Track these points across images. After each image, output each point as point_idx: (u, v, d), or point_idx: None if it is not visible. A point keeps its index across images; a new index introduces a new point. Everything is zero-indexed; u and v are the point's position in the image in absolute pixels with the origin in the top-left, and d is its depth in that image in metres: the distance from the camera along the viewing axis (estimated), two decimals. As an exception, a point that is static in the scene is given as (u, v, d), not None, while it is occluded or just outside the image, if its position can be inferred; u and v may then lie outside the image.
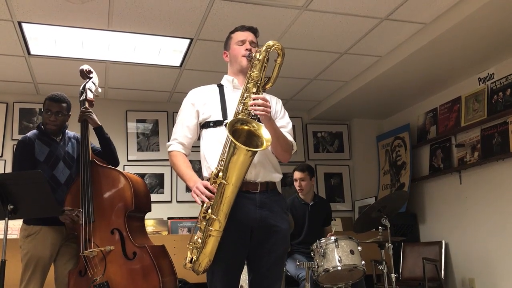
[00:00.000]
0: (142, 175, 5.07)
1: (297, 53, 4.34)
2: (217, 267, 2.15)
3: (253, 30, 2.40)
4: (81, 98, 3.17)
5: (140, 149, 5.42)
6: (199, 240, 2.10)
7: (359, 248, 3.48)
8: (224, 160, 2.05)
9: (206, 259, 2.10)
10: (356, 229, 3.89)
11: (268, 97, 2.29)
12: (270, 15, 3.65)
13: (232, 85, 2.36)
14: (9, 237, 2.75)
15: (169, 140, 2.39)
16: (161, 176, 5.39)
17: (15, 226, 4.23)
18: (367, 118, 6.13)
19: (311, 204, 4.19)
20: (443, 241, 4.85)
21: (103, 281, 2.77)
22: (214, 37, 3.95)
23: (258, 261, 2.23)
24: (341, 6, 3.57)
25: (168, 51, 4.27)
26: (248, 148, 1.98)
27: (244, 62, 2.30)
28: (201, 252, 2.09)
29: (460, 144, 4.78)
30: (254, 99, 2.13)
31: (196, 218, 2.16)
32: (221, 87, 2.40)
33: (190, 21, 3.73)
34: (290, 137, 2.34)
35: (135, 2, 3.44)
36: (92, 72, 3.27)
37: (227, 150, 2.04)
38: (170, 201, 5.37)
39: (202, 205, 2.10)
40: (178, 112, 2.41)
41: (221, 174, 2.03)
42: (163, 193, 5.36)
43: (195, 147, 2.37)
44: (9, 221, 2.60)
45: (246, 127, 2.09)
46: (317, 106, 5.88)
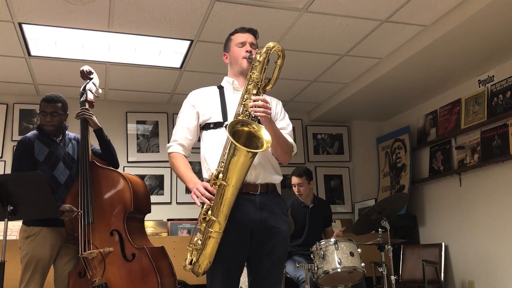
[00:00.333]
0: (142, 177, 5.07)
1: (297, 55, 4.34)
2: (217, 268, 2.15)
3: (253, 32, 2.40)
4: (81, 99, 3.16)
5: (140, 150, 5.42)
6: (199, 242, 2.10)
7: (359, 250, 3.48)
8: (224, 161, 2.04)
9: (206, 260, 2.09)
10: (356, 231, 3.88)
11: (268, 98, 2.29)
12: (270, 17, 3.66)
13: (233, 86, 2.36)
14: (8, 238, 2.75)
15: (169, 142, 2.39)
16: (161, 178, 5.39)
17: (15, 227, 4.23)
18: (367, 120, 6.13)
19: (311, 206, 4.18)
20: (443, 243, 4.85)
21: (102, 282, 2.77)
22: (214, 38, 3.96)
23: (258, 262, 2.23)
24: (341, 8, 3.57)
25: (169, 52, 4.27)
26: (248, 150, 1.98)
27: (245, 64, 2.30)
28: (201, 254, 2.09)
29: (460, 146, 4.77)
30: (254, 101, 2.13)
31: (196, 219, 2.16)
32: (221, 88, 2.39)
33: (191, 23, 3.73)
34: (290, 139, 2.34)
35: (135, 4, 3.44)
36: (93, 73, 3.26)
37: (227, 152, 2.03)
38: (170, 203, 5.36)
39: (202, 207, 2.10)
40: (178, 114, 2.41)
41: (221, 175, 2.03)
42: (163, 194, 5.35)
43: (195, 149, 2.37)
44: (9, 222, 2.60)
45: (246, 129, 2.09)
46: (317, 108, 5.89)
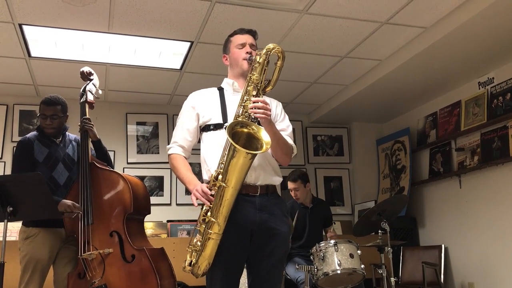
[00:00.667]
0: (142, 178, 5.07)
1: (297, 56, 4.34)
2: (216, 270, 2.14)
3: (252, 33, 2.40)
4: (81, 100, 3.16)
5: (140, 151, 5.42)
6: (198, 243, 2.10)
7: (358, 251, 3.47)
8: (224, 163, 2.04)
9: (205, 262, 2.09)
10: (356, 233, 3.88)
11: (268, 100, 2.29)
12: (270, 18, 3.66)
13: (232, 88, 2.36)
14: (8, 239, 2.75)
15: (169, 143, 2.39)
16: (160, 179, 5.39)
17: (14, 228, 4.23)
18: (367, 122, 6.13)
19: (310, 206, 4.18)
20: (442, 245, 4.84)
21: (101, 283, 2.76)
22: (214, 40, 3.96)
23: (257, 264, 2.23)
24: (341, 10, 3.57)
25: (169, 54, 4.27)
26: (248, 151, 1.97)
27: (245, 65, 2.30)
28: (200, 255, 2.09)
29: (460, 148, 4.77)
30: (254, 102, 2.12)
31: (195, 221, 2.15)
32: (221, 90, 2.39)
33: (191, 24, 3.73)
34: (290, 140, 2.33)
35: (135, 5, 3.44)
36: (93, 74, 3.26)
37: (226, 153, 2.03)
38: (169, 204, 5.36)
39: (202, 208, 2.09)
40: (178, 115, 2.41)
41: (220, 176, 2.03)
42: (162, 195, 5.35)
43: (195, 150, 2.37)
44: (8, 223, 2.59)
45: (246, 130, 2.08)
46: (317, 109, 5.89)
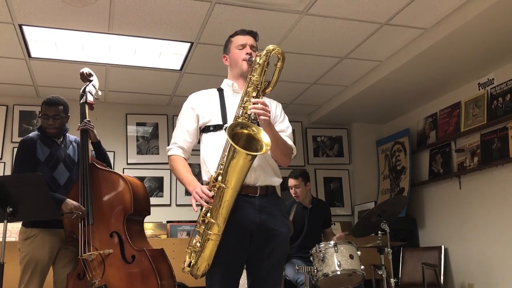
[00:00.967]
0: (142, 179, 5.06)
1: (297, 57, 4.34)
2: (216, 271, 2.14)
3: (253, 34, 2.40)
4: (81, 101, 3.18)
5: (139, 152, 5.42)
6: (198, 244, 2.09)
7: (358, 252, 3.47)
8: (223, 164, 2.04)
9: (205, 263, 2.09)
10: (356, 234, 3.88)
11: (268, 101, 2.29)
12: (270, 19, 3.66)
13: (232, 89, 2.36)
14: (7, 239, 2.75)
15: (169, 144, 2.39)
16: (160, 180, 5.39)
17: (14, 229, 4.23)
18: (367, 123, 6.13)
19: (309, 207, 4.18)
20: (442, 246, 4.84)
21: (101, 284, 2.76)
22: (214, 41, 3.96)
23: (257, 265, 2.23)
24: (341, 10, 3.57)
25: (169, 54, 4.27)
26: (248, 152, 1.98)
27: (245, 66, 2.30)
28: (199, 256, 2.09)
29: (460, 149, 4.77)
30: (253, 103, 2.13)
31: (195, 221, 2.15)
32: (221, 91, 2.40)
33: (191, 25, 3.73)
34: (290, 141, 2.34)
35: (135, 6, 3.44)
36: (93, 75, 3.28)
37: (226, 154, 2.03)
38: (169, 205, 5.36)
39: (201, 209, 2.09)
40: (178, 116, 2.41)
41: (220, 177, 2.03)
42: (162, 196, 5.35)
43: (195, 151, 2.37)
44: (8, 223, 2.59)
45: (246, 131, 2.09)
46: (317, 110, 5.89)
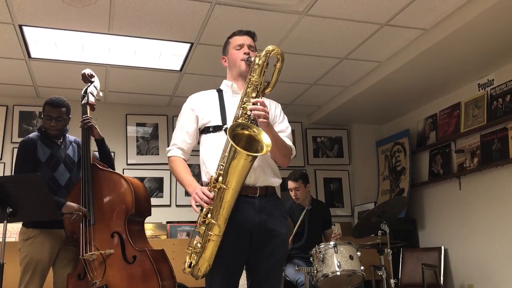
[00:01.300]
0: (142, 179, 5.06)
1: (297, 58, 4.35)
2: (216, 271, 2.14)
3: (251, 34, 2.40)
4: (82, 102, 3.19)
5: (139, 152, 5.42)
6: (198, 245, 2.09)
7: (358, 253, 3.48)
8: (223, 164, 2.04)
9: (206, 263, 2.09)
10: (355, 234, 3.88)
11: (267, 101, 2.30)
12: (270, 20, 3.66)
13: (231, 90, 2.36)
14: (7, 240, 2.75)
15: (168, 145, 2.39)
16: (160, 180, 5.39)
17: (14, 229, 4.23)
18: (366, 123, 6.13)
19: (309, 208, 4.18)
20: (442, 247, 4.84)
21: (102, 284, 2.76)
22: (214, 41, 3.96)
23: (257, 265, 2.23)
24: (341, 11, 3.58)
25: (169, 55, 4.27)
26: (249, 153, 1.98)
27: (243, 66, 2.30)
28: (200, 257, 2.09)
29: (460, 150, 4.78)
30: (253, 104, 2.13)
31: (195, 222, 2.15)
32: (220, 92, 2.39)
33: (191, 26, 3.74)
34: (289, 142, 2.34)
35: (135, 6, 3.45)
36: (94, 76, 3.29)
37: (227, 155, 2.03)
38: (169, 205, 5.36)
39: (202, 210, 2.09)
40: (177, 117, 2.41)
41: (221, 178, 2.03)
42: (162, 197, 5.35)
43: (195, 151, 2.37)
44: (8, 224, 2.59)
45: (246, 132, 2.09)
46: (317, 111, 5.89)
